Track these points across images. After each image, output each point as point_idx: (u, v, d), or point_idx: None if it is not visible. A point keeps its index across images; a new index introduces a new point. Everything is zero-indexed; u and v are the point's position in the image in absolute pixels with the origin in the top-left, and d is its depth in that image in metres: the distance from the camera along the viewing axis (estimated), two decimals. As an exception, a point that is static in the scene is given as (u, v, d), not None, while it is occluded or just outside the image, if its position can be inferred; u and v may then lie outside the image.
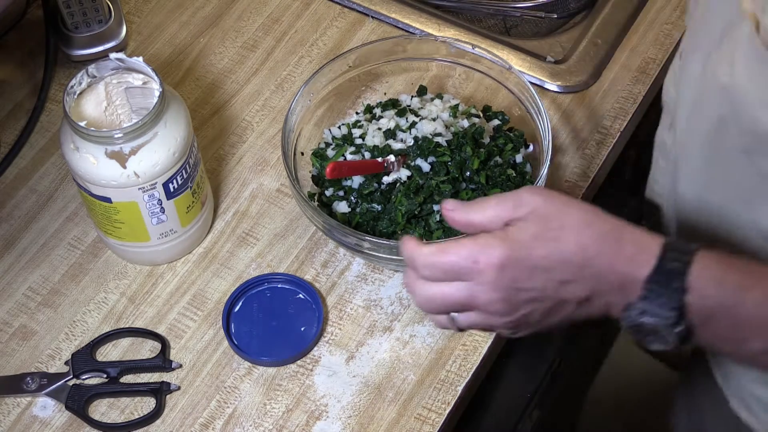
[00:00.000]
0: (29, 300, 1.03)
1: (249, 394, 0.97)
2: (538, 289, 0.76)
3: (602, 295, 0.76)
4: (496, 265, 0.75)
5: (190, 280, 1.04)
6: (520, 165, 1.05)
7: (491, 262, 0.75)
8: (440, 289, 0.78)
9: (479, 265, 0.75)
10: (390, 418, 0.95)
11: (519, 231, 0.76)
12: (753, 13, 0.74)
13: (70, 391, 0.96)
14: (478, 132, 1.02)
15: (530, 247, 0.75)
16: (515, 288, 0.76)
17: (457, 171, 1.00)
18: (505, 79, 1.09)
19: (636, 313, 0.74)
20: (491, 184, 1.01)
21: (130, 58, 0.97)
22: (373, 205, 1.01)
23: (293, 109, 1.04)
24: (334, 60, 1.09)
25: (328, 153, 1.06)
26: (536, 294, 0.77)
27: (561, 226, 0.76)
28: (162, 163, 0.95)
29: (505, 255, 0.75)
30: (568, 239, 0.75)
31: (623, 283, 0.74)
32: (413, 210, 0.99)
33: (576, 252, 0.75)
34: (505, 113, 1.09)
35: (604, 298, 0.76)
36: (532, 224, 0.76)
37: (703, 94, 0.85)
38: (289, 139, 1.04)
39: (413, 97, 1.09)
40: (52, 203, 1.10)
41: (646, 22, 1.23)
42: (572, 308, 0.78)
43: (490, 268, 0.75)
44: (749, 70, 0.76)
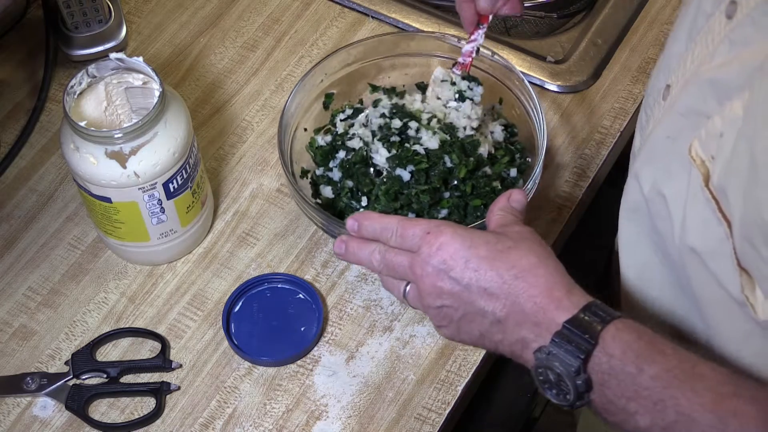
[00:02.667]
0: (29, 300, 1.03)
1: (249, 394, 0.97)
2: (462, 285, 0.80)
3: (518, 324, 0.78)
4: (438, 242, 0.81)
5: (190, 280, 1.04)
6: (512, 179, 1.03)
7: (437, 239, 0.81)
8: (393, 251, 0.85)
9: (428, 237, 0.82)
10: (390, 418, 0.95)
11: (479, 232, 0.82)
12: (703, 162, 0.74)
13: (70, 391, 0.96)
14: (471, 143, 1.01)
15: (475, 246, 0.80)
16: (444, 271, 0.80)
17: (439, 181, 0.99)
18: (504, 77, 1.08)
19: (544, 355, 0.76)
20: (474, 194, 1.00)
21: (130, 58, 0.97)
22: (353, 203, 1.01)
23: (289, 105, 1.04)
24: (331, 56, 1.08)
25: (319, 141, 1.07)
26: (459, 288, 0.80)
27: (513, 246, 0.80)
28: (162, 163, 0.95)
29: (451, 237, 0.81)
30: (510, 256, 0.79)
31: (540, 321, 0.77)
32: (389, 210, 0.99)
33: (509, 268, 0.79)
34: (515, 126, 1.07)
35: (519, 329, 0.78)
36: (492, 235, 0.82)
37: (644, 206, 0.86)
38: (286, 134, 1.04)
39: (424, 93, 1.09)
40: (52, 203, 1.10)
41: (646, 22, 1.23)
42: (488, 324, 0.80)
43: (434, 241, 0.81)
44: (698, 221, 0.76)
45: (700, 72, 0.77)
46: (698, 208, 0.75)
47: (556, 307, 0.76)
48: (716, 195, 0.73)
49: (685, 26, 0.83)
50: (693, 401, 0.70)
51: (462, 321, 0.82)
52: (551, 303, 0.76)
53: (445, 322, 0.83)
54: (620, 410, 0.73)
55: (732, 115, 0.71)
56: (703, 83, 0.76)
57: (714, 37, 0.77)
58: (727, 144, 0.71)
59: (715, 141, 0.73)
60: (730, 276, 0.73)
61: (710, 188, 0.73)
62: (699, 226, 0.75)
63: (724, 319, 0.77)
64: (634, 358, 0.72)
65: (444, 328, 0.84)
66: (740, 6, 0.73)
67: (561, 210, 1.08)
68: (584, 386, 0.74)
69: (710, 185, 0.73)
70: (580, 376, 0.74)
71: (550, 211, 1.08)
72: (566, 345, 0.74)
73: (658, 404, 0.71)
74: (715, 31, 0.77)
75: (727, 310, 0.75)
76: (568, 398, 0.75)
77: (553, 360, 0.75)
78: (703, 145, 0.74)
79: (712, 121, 0.74)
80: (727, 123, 0.71)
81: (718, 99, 0.73)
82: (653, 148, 0.84)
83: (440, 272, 0.80)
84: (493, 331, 0.80)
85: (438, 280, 0.81)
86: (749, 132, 0.68)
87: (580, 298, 0.76)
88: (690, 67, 0.80)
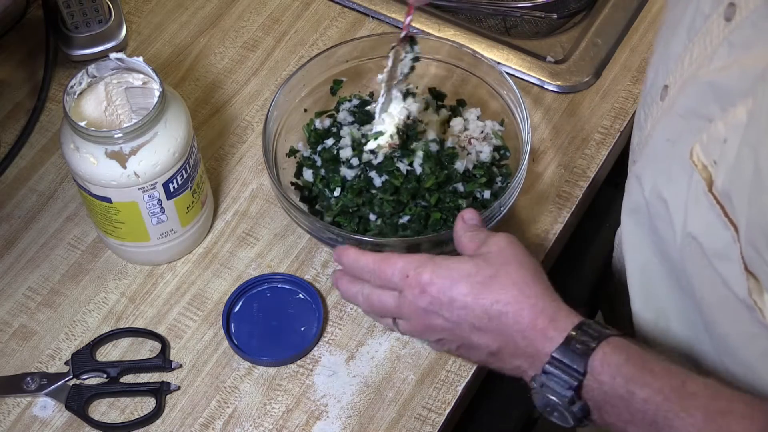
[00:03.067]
0: (29, 300, 1.03)
1: (249, 394, 0.97)
2: (452, 322, 0.81)
3: (512, 356, 0.79)
4: (421, 284, 0.82)
5: (190, 280, 1.04)
6: (484, 200, 1.02)
7: (418, 280, 0.82)
8: (378, 294, 0.86)
9: (408, 280, 0.82)
10: (390, 418, 0.95)
11: (458, 264, 0.82)
12: (705, 167, 0.74)
13: (70, 391, 0.96)
14: (448, 155, 1.01)
15: (456, 282, 0.81)
16: (433, 311, 0.82)
17: (407, 196, 0.99)
18: (484, 73, 1.08)
19: (539, 385, 0.77)
20: (438, 207, 0.99)
21: (130, 58, 0.97)
22: (326, 191, 1.02)
23: (275, 105, 1.04)
24: (318, 56, 1.08)
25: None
26: (450, 326, 0.82)
27: (494, 275, 0.81)
28: (162, 163, 0.95)
29: (430, 279, 0.82)
30: (492, 289, 0.80)
31: (530, 353, 0.78)
32: (348, 206, 1.00)
33: (493, 303, 0.79)
34: (508, 148, 1.06)
35: (514, 359, 0.80)
36: (472, 264, 0.82)
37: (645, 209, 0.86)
38: (270, 134, 1.04)
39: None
40: (52, 203, 1.10)
41: (646, 22, 1.23)
42: (484, 356, 0.82)
43: (416, 284, 0.82)
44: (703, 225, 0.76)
45: (699, 74, 0.77)
46: (702, 211, 0.75)
47: (543, 338, 0.77)
48: (721, 200, 0.73)
49: (683, 25, 0.82)
50: (686, 421, 0.71)
51: (461, 349, 0.84)
52: (537, 335, 0.77)
53: (446, 348, 0.86)
54: (621, 431, 0.75)
55: (735, 121, 0.71)
56: (703, 86, 0.76)
57: (713, 39, 0.76)
58: (730, 150, 0.71)
59: (717, 146, 0.73)
60: (738, 278, 0.73)
61: (714, 193, 0.73)
62: (703, 229, 0.75)
63: (729, 320, 0.77)
64: (624, 383, 0.73)
65: (448, 351, 0.87)
66: (739, 8, 0.73)
67: (561, 210, 1.08)
68: (581, 413, 0.75)
69: (714, 190, 0.73)
70: (576, 404, 0.75)
71: (550, 211, 1.08)
72: (557, 376, 0.75)
73: (653, 426, 0.72)
74: (713, 33, 0.77)
75: (733, 311, 0.75)
76: (570, 422, 0.76)
77: (546, 391, 0.76)
78: (705, 150, 0.74)
79: (714, 126, 0.73)
80: (731, 129, 0.71)
81: (720, 103, 0.73)
82: (653, 150, 0.84)
83: (430, 312, 0.82)
84: (491, 361, 0.83)
85: (428, 319, 0.83)
86: (753, 139, 0.68)
87: (566, 323, 0.77)
88: (688, 69, 0.80)
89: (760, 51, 0.70)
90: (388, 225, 0.99)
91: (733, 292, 0.74)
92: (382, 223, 0.99)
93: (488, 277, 0.80)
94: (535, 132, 1.13)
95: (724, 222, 0.72)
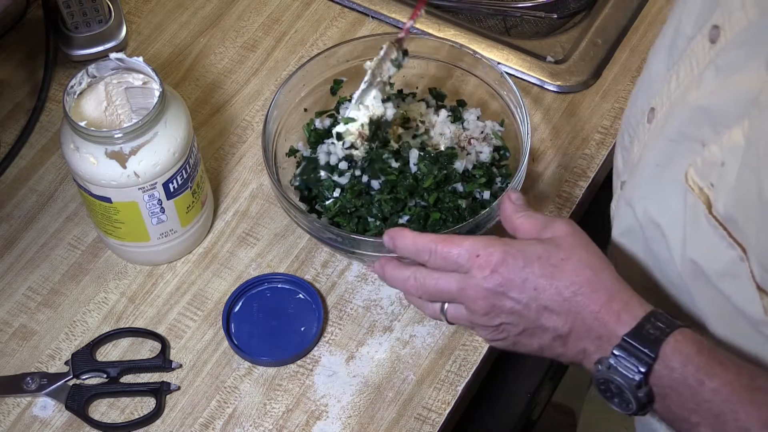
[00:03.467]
0: (29, 300, 1.03)
1: (249, 394, 0.97)
2: (522, 304, 0.79)
3: (580, 338, 0.78)
4: (492, 263, 0.79)
5: (190, 280, 1.04)
6: (483, 201, 1.02)
7: (489, 260, 0.79)
8: (436, 276, 0.83)
9: (478, 260, 0.79)
10: (390, 418, 0.95)
11: (527, 245, 0.80)
12: (702, 189, 0.74)
13: (70, 391, 0.96)
14: (447, 155, 1.01)
15: (530, 262, 0.79)
16: (502, 293, 0.79)
17: (405, 193, 0.99)
18: (484, 73, 1.08)
19: (605, 368, 0.76)
20: (437, 207, 0.99)
21: (130, 58, 0.97)
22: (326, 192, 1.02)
23: (275, 105, 1.04)
24: (318, 55, 1.08)
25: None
26: (519, 308, 0.79)
27: (567, 258, 0.79)
28: (162, 163, 0.95)
29: (503, 257, 0.79)
30: (567, 271, 0.78)
31: (601, 334, 0.77)
32: (347, 207, 1.00)
33: (568, 285, 0.78)
34: (508, 148, 1.06)
35: (581, 342, 0.78)
36: (542, 247, 0.80)
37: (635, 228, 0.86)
38: (270, 134, 1.04)
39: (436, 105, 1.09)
40: (52, 203, 1.10)
41: (646, 22, 1.23)
42: (549, 340, 0.80)
43: (487, 265, 0.79)
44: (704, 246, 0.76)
45: (688, 98, 0.77)
46: (702, 234, 0.75)
47: (617, 320, 0.76)
48: (724, 222, 0.73)
49: (664, 46, 0.83)
50: (752, 415, 0.70)
51: (521, 336, 0.81)
52: (611, 317, 0.76)
53: (502, 336, 0.82)
54: (683, 420, 0.74)
55: (732, 144, 0.71)
56: (693, 110, 0.76)
57: (699, 61, 0.77)
58: (729, 173, 0.71)
59: (715, 169, 0.73)
60: (748, 296, 0.73)
61: (714, 215, 0.73)
62: (705, 251, 0.75)
63: (737, 335, 0.77)
64: (695, 371, 0.73)
65: (499, 341, 0.83)
66: (723, 30, 0.73)
67: (561, 210, 1.08)
68: (646, 398, 0.75)
69: (714, 212, 0.73)
70: (642, 389, 0.74)
71: (550, 212, 1.08)
72: (627, 359, 0.74)
73: (719, 417, 0.72)
74: (698, 55, 0.77)
75: (740, 327, 0.76)
76: (632, 407, 0.76)
77: (613, 374, 0.75)
78: (700, 173, 0.74)
79: (708, 150, 0.73)
80: (727, 152, 0.71)
81: (713, 127, 0.73)
82: (642, 175, 0.84)
83: (498, 294, 0.79)
84: (554, 346, 0.80)
85: (496, 300, 0.80)
86: (753, 162, 0.68)
87: (638, 310, 0.76)
88: (675, 91, 0.80)
89: (748, 73, 0.70)
90: (387, 225, 0.99)
91: (741, 310, 0.74)
92: (381, 223, 0.99)
93: (561, 260, 0.79)
94: (535, 132, 1.14)
95: (729, 243, 0.72)
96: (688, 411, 0.73)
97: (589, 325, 0.77)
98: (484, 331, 0.83)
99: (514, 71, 1.18)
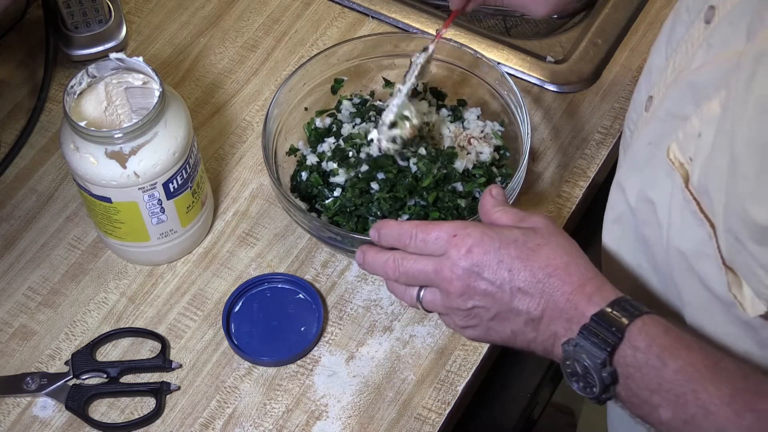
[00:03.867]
0: (29, 300, 1.03)
1: (249, 394, 0.97)
2: (495, 285, 0.79)
3: (551, 320, 0.78)
4: (468, 244, 0.80)
5: (190, 280, 1.04)
6: None
7: (465, 241, 0.80)
8: (414, 258, 0.83)
9: (455, 239, 0.80)
10: (390, 418, 0.95)
11: (505, 230, 0.81)
12: (681, 164, 0.75)
13: (70, 391, 0.96)
14: (447, 155, 1.01)
15: (505, 244, 0.80)
16: (476, 273, 0.80)
17: (404, 191, 0.99)
18: (485, 73, 1.08)
19: (571, 347, 0.76)
20: (436, 206, 1.00)
21: (130, 58, 0.97)
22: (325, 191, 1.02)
23: (275, 104, 1.04)
24: (319, 54, 1.08)
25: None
26: (492, 289, 0.80)
27: (543, 243, 0.80)
28: (162, 163, 0.95)
29: (479, 238, 0.80)
30: (542, 254, 0.79)
31: (572, 316, 0.77)
32: (346, 206, 1.00)
33: (542, 267, 0.78)
34: (508, 148, 1.07)
35: (552, 325, 0.78)
36: (519, 231, 0.81)
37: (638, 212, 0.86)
38: (271, 133, 1.04)
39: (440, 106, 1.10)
40: (52, 203, 1.10)
41: (646, 22, 1.23)
42: (521, 324, 0.80)
43: (463, 245, 0.80)
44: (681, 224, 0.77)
45: (680, 78, 0.78)
46: (679, 210, 0.75)
47: (587, 301, 0.76)
48: (697, 196, 0.73)
49: (662, 39, 0.84)
50: (713, 394, 0.70)
51: (494, 321, 0.81)
52: (583, 298, 0.77)
53: (474, 322, 0.82)
54: (644, 402, 0.74)
55: (709, 115, 0.72)
56: (683, 87, 0.77)
57: (693, 42, 0.78)
58: (705, 143, 0.72)
59: (693, 142, 0.73)
60: (716, 276, 0.73)
61: (690, 189, 0.74)
62: (682, 228, 0.76)
63: (712, 323, 0.78)
64: (659, 351, 0.73)
65: (471, 329, 0.83)
66: (718, 10, 0.74)
67: (561, 210, 1.08)
68: (610, 378, 0.74)
69: (690, 186, 0.74)
70: (606, 368, 0.74)
71: (550, 211, 1.08)
72: (593, 338, 0.74)
73: (680, 398, 0.71)
74: (694, 37, 0.78)
75: (714, 314, 0.76)
76: (594, 391, 0.76)
77: (580, 352, 0.75)
78: (681, 147, 0.75)
79: (689, 123, 0.74)
80: (705, 123, 0.72)
81: (696, 101, 0.74)
82: (636, 155, 0.84)
83: (472, 274, 0.80)
84: (526, 330, 0.80)
85: (470, 281, 0.80)
86: (727, 127, 0.69)
87: (610, 294, 0.76)
88: (671, 76, 0.80)
89: (734, 46, 0.70)
90: None
91: (712, 291, 0.75)
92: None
93: (537, 245, 0.79)
94: (535, 132, 1.14)
95: (700, 219, 0.73)
96: (650, 392, 0.73)
97: (561, 307, 0.77)
98: (458, 316, 0.83)
99: (514, 71, 1.18)
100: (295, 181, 1.06)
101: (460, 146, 1.04)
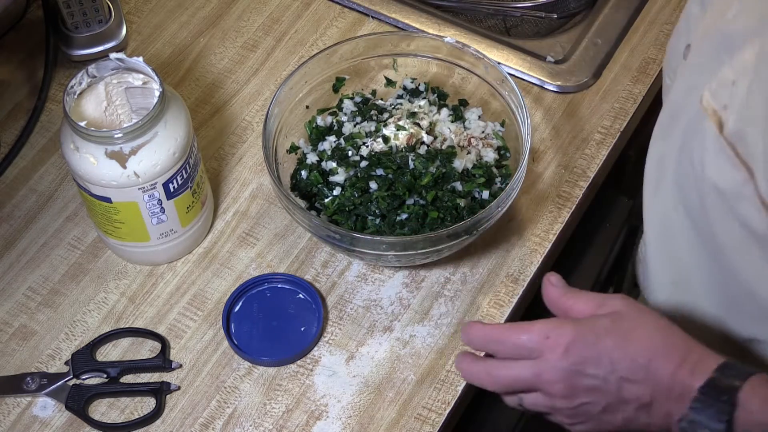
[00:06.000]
0: (29, 300, 1.03)
1: (249, 394, 0.97)
2: (600, 379, 0.78)
3: (662, 402, 0.77)
4: (564, 344, 0.78)
5: (190, 280, 1.04)
6: (482, 201, 1.01)
7: (560, 341, 0.78)
8: (508, 366, 0.81)
9: (549, 341, 0.78)
10: (390, 418, 0.95)
11: (594, 321, 0.79)
12: (715, 111, 0.75)
13: (70, 391, 0.96)
14: (447, 153, 1.01)
15: (600, 336, 0.78)
16: (578, 371, 0.78)
17: (403, 190, 0.99)
18: (485, 73, 1.08)
19: (687, 424, 0.75)
20: (436, 205, 0.99)
21: (130, 58, 0.97)
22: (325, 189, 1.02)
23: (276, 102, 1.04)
24: (320, 53, 1.08)
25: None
26: (598, 383, 0.78)
27: (634, 326, 0.78)
28: (162, 163, 0.95)
29: (574, 336, 0.78)
30: (638, 338, 0.78)
31: (680, 392, 0.76)
32: (345, 205, 1.00)
33: (641, 352, 0.77)
34: (508, 149, 1.06)
35: (664, 406, 0.77)
36: (607, 319, 0.79)
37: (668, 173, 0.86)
38: (271, 131, 1.04)
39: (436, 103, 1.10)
40: (52, 203, 1.10)
41: (646, 22, 1.23)
42: (632, 411, 0.79)
43: (558, 346, 0.78)
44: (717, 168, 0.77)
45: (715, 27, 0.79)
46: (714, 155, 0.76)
47: (691, 374, 0.76)
48: (732, 141, 0.74)
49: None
50: None
51: (604, 414, 0.80)
52: (686, 373, 0.76)
53: (583, 418, 0.81)
54: None
55: (743, 64, 0.73)
56: (716, 37, 0.78)
57: None
58: (740, 91, 0.73)
59: (727, 90, 0.74)
60: (754, 215, 0.75)
61: (725, 135, 0.75)
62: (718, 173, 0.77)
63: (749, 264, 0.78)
64: None
65: (580, 425, 0.82)
66: None
67: (561, 210, 1.08)
68: None
69: (724, 133, 0.75)
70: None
71: (550, 211, 1.08)
72: (707, 410, 0.74)
73: None
74: None
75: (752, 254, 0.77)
76: None
77: (697, 428, 0.75)
78: (714, 96, 0.76)
79: (723, 71, 0.75)
80: (739, 71, 0.73)
81: (729, 50, 0.75)
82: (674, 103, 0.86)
83: (574, 373, 0.78)
84: (639, 416, 0.79)
85: (574, 380, 0.78)
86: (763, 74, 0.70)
87: (711, 361, 0.76)
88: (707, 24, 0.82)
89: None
90: (385, 223, 0.99)
91: (749, 228, 0.75)
92: (379, 220, 0.99)
93: (628, 330, 0.78)
94: (535, 132, 1.14)
95: (736, 164, 0.74)
96: None
97: (668, 386, 0.77)
98: (564, 415, 0.81)
99: (514, 71, 1.18)
100: (294, 180, 1.06)
101: (460, 146, 1.04)
